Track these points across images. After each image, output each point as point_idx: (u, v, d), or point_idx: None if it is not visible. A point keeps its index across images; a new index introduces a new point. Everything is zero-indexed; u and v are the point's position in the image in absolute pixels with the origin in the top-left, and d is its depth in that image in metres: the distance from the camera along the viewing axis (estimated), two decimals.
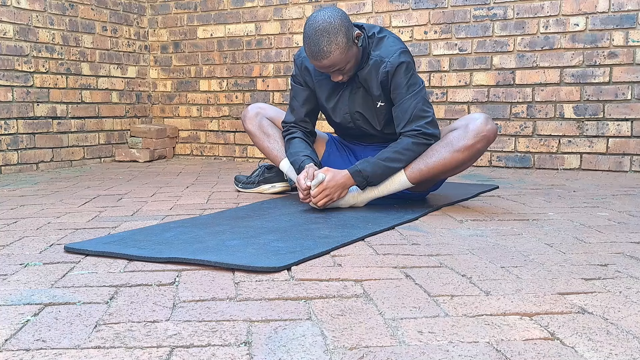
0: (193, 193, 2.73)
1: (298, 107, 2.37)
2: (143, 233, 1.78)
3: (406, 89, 2.13)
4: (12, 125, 3.71)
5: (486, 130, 2.09)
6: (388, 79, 2.15)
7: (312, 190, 2.10)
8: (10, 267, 1.46)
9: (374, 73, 2.17)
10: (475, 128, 2.08)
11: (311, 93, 2.35)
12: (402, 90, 2.14)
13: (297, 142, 2.33)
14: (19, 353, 0.94)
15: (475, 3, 3.72)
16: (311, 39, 2.03)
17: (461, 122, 2.16)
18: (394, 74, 2.13)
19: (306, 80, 2.33)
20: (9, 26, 3.67)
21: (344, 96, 2.27)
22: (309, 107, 2.36)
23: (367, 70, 2.18)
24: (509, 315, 1.10)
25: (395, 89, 2.15)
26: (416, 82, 2.16)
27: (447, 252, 1.58)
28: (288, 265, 1.42)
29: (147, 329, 1.04)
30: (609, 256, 1.54)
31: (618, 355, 0.92)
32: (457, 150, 2.09)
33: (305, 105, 2.36)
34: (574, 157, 3.58)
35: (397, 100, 2.16)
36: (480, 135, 2.08)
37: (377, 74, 2.17)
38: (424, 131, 2.11)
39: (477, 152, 2.11)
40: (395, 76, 2.14)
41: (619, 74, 3.43)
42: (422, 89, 2.17)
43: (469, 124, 2.11)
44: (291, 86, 2.40)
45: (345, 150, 2.50)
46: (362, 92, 2.24)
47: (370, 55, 2.18)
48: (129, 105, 4.60)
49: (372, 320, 1.08)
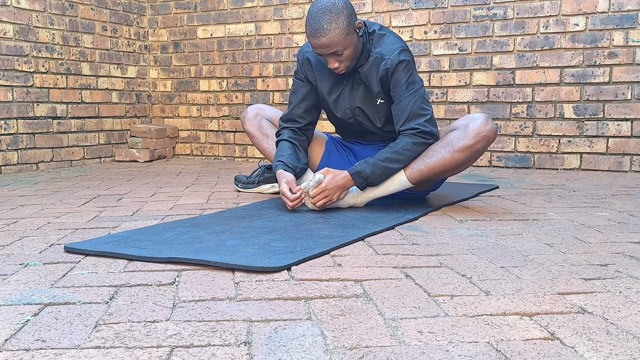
0: (193, 193, 2.73)
1: (296, 103, 2.36)
2: (143, 233, 1.78)
3: (405, 86, 2.14)
4: (12, 125, 3.71)
5: (486, 130, 2.08)
6: (388, 76, 2.16)
7: (311, 190, 2.10)
8: (10, 267, 1.46)
9: (374, 70, 2.18)
10: (475, 128, 2.08)
11: (311, 89, 2.35)
12: (401, 88, 2.15)
13: (282, 145, 2.33)
14: (19, 353, 0.94)
15: (475, 3, 3.72)
16: (313, 16, 2.05)
17: (461, 122, 2.16)
18: (393, 71, 2.15)
19: (307, 76, 2.33)
20: (9, 26, 3.67)
21: (345, 91, 2.28)
22: (308, 104, 2.36)
23: (368, 66, 2.19)
24: (509, 315, 1.10)
25: (395, 87, 2.16)
26: (415, 81, 2.17)
27: (447, 252, 1.58)
28: (288, 265, 1.42)
29: (147, 329, 1.04)
30: (609, 256, 1.54)
31: (618, 355, 0.92)
32: (457, 150, 2.09)
33: (304, 102, 2.35)
34: (574, 157, 3.58)
35: (396, 97, 2.17)
36: (481, 135, 2.08)
37: (377, 71, 2.18)
38: (423, 129, 2.11)
39: (477, 152, 2.11)
40: (394, 74, 2.15)
41: (619, 74, 3.43)
42: (421, 88, 2.17)
43: (469, 124, 2.11)
44: (293, 82, 2.40)
45: (344, 150, 2.49)
46: (363, 88, 2.24)
47: (370, 52, 2.19)
48: (129, 105, 4.60)
49: (372, 320, 1.08)
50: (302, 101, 2.36)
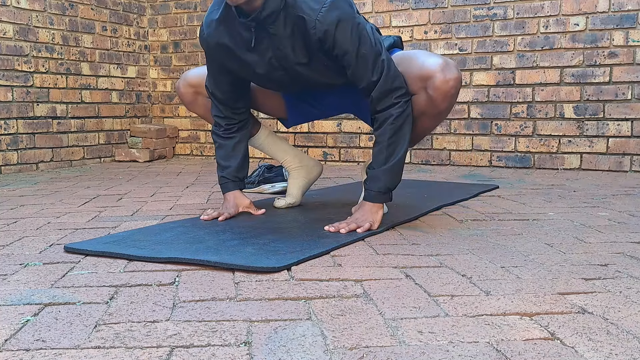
0: (193, 193, 2.73)
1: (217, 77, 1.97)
2: (143, 233, 1.78)
3: (355, 55, 1.73)
4: (12, 125, 3.70)
5: (449, 87, 1.78)
6: (324, 44, 1.73)
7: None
8: (10, 267, 1.46)
9: (298, 34, 1.74)
10: (440, 91, 1.78)
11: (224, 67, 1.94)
12: (350, 58, 1.74)
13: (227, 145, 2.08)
14: (19, 353, 0.94)
15: (475, 3, 3.72)
16: None
17: (418, 82, 1.82)
18: (332, 38, 1.70)
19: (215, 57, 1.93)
20: (9, 26, 3.67)
21: (262, 60, 1.82)
22: (229, 79, 1.99)
23: (285, 21, 1.73)
24: (509, 315, 1.10)
25: (343, 56, 1.74)
26: (363, 37, 1.73)
27: (447, 252, 1.58)
28: (288, 265, 1.42)
29: (147, 329, 1.04)
30: (609, 256, 1.54)
31: (618, 355, 0.92)
32: (433, 117, 1.87)
33: (224, 77, 1.98)
34: (574, 157, 3.58)
35: (350, 68, 1.77)
36: (449, 95, 1.79)
37: (301, 36, 1.74)
38: (400, 100, 1.79)
39: (449, 108, 1.87)
40: (335, 41, 1.71)
41: (619, 74, 3.43)
42: (370, 39, 1.75)
43: (427, 87, 1.80)
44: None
45: (306, 99, 2.13)
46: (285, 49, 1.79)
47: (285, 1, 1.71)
48: (129, 105, 4.60)
49: (372, 320, 1.08)
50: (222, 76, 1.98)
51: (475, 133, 3.80)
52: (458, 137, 3.85)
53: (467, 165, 3.83)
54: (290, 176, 2.28)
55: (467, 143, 3.82)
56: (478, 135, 3.79)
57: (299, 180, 2.27)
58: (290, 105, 2.18)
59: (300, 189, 2.27)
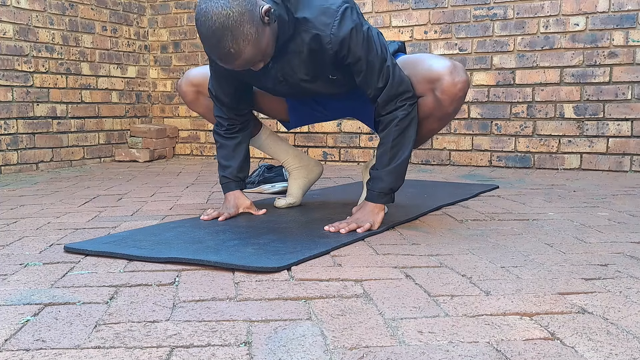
0: (193, 193, 2.73)
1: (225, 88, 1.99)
2: (143, 233, 1.78)
3: (366, 61, 1.74)
4: (12, 125, 3.70)
5: (457, 89, 1.80)
6: (338, 54, 1.74)
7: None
8: (10, 267, 1.46)
9: (313, 52, 1.74)
10: (448, 93, 1.81)
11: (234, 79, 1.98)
12: (362, 64, 1.75)
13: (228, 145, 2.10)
14: (19, 353, 0.94)
15: (475, 3, 3.72)
16: (211, 41, 1.56)
17: (425, 84, 1.84)
18: (347, 47, 1.72)
19: None
20: (9, 26, 3.67)
21: (269, 74, 1.85)
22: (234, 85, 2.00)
23: (299, 43, 1.74)
24: (509, 315, 1.10)
25: (356, 62, 1.75)
26: (371, 43, 1.74)
27: (447, 252, 1.58)
28: (288, 265, 1.42)
29: (147, 329, 1.04)
30: (609, 256, 1.54)
31: (618, 355, 0.92)
32: (439, 119, 1.89)
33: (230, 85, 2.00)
34: (574, 157, 3.58)
35: (360, 75, 1.78)
36: (457, 98, 1.81)
37: (316, 53, 1.74)
38: (406, 103, 1.80)
39: (456, 111, 1.89)
40: (349, 50, 1.72)
41: (619, 74, 3.43)
42: (377, 45, 1.76)
43: (435, 89, 1.82)
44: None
45: (308, 104, 2.15)
46: (297, 61, 1.79)
47: (297, 20, 1.71)
48: (129, 105, 4.60)
49: (372, 320, 1.08)
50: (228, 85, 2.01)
51: (475, 133, 3.80)
52: (458, 137, 3.85)
53: (467, 165, 3.83)
54: (290, 176, 2.28)
55: (467, 143, 3.83)
56: (478, 135, 3.79)
57: (300, 180, 2.27)
58: (293, 108, 2.19)
59: (301, 189, 2.27)
